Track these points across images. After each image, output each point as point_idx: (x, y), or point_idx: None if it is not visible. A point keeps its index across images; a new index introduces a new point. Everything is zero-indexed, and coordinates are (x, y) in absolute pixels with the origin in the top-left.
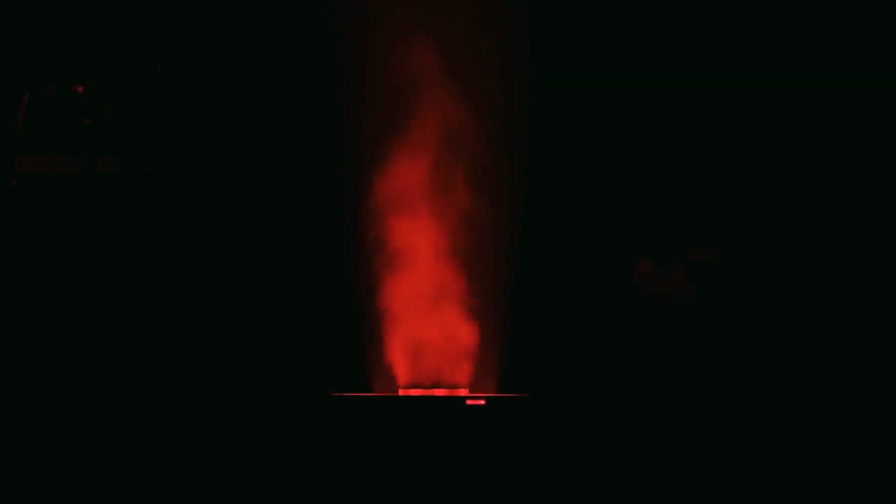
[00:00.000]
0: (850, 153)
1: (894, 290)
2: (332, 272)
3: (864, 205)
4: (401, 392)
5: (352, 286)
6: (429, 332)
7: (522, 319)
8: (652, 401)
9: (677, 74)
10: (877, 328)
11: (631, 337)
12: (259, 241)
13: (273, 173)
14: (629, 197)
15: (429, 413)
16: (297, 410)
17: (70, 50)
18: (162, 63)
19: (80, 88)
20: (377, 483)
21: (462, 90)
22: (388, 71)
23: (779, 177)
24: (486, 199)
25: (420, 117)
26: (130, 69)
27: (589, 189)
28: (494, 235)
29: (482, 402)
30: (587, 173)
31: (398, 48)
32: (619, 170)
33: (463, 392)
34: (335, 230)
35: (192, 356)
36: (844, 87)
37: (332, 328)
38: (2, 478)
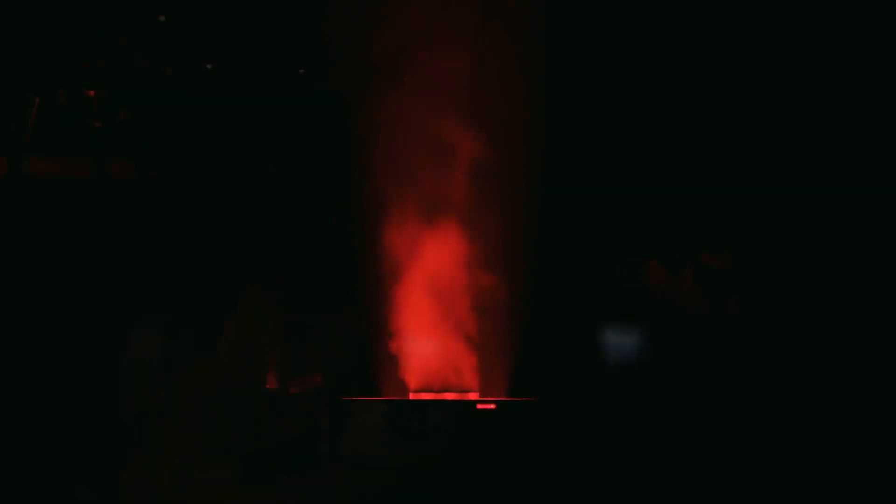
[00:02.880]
0: (864, 156)
1: None
2: (340, 277)
3: (879, 210)
4: (411, 396)
5: (359, 291)
6: (438, 336)
7: (534, 323)
8: (662, 405)
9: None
10: (890, 333)
11: (641, 341)
12: (268, 245)
13: (283, 177)
14: (639, 201)
15: (439, 417)
16: (306, 414)
17: (79, 53)
18: (172, 66)
19: (92, 93)
20: (387, 486)
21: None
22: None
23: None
24: (494, 203)
25: (426, 121)
26: (139, 72)
27: (598, 192)
28: (503, 239)
29: (492, 406)
30: (597, 176)
31: (407, 53)
32: (628, 172)
33: (473, 396)
34: (343, 235)
35: (201, 359)
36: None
37: (339, 333)
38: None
